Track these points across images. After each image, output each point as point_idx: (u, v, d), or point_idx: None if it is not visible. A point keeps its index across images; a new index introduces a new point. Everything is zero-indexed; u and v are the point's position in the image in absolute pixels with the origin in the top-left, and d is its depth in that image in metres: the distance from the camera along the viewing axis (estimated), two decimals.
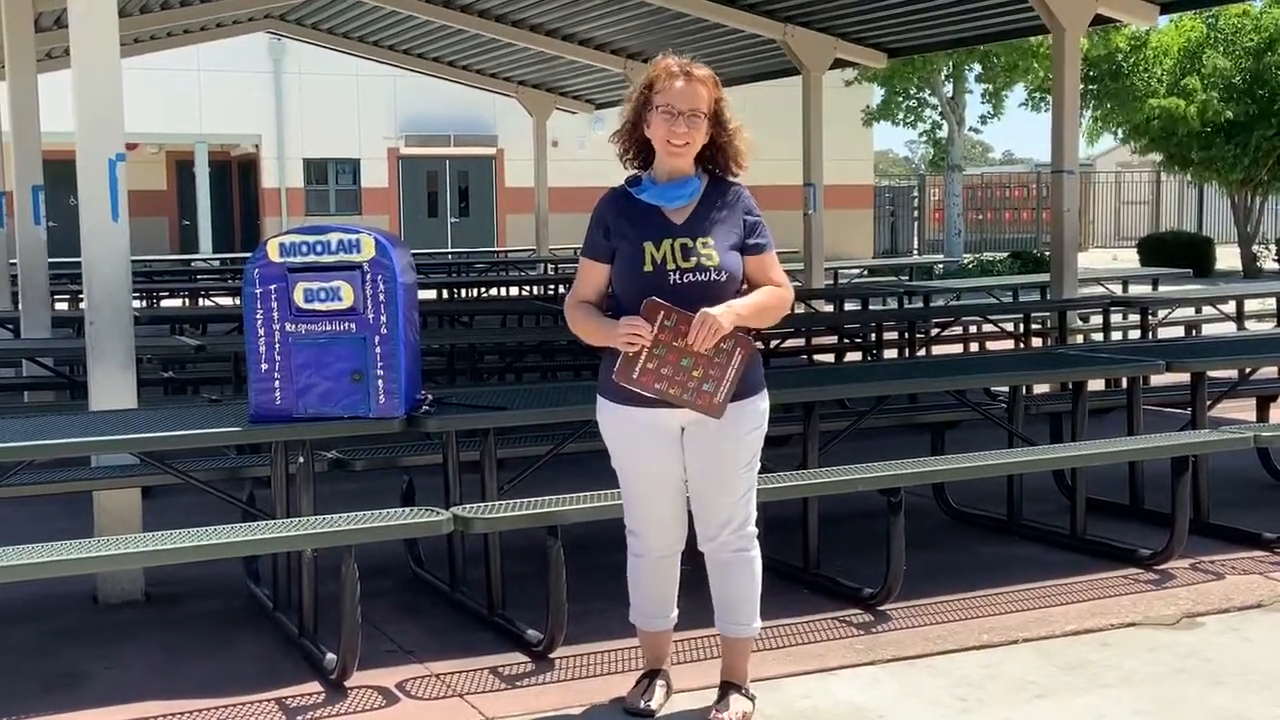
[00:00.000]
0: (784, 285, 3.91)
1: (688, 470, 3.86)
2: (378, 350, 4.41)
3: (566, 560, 4.43)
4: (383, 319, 4.39)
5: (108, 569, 4.97)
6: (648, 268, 3.75)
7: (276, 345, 4.39)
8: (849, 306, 12.86)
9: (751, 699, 3.99)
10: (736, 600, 3.95)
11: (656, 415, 3.79)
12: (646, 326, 3.67)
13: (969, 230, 31.74)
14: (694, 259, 3.75)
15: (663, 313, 3.68)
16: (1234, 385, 7.34)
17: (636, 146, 3.87)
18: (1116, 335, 11.27)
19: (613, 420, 3.88)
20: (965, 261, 25.20)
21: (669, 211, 3.81)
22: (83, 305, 5.62)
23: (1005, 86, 25.67)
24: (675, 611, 4.07)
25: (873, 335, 10.92)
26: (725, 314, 3.69)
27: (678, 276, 3.74)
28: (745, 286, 3.85)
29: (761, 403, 3.89)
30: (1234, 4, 21.76)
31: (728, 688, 3.97)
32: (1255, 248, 24.90)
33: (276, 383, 4.41)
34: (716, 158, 3.85)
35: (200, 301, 15.61)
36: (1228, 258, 25.42)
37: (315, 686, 4.33)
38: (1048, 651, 4.57)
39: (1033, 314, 11.17)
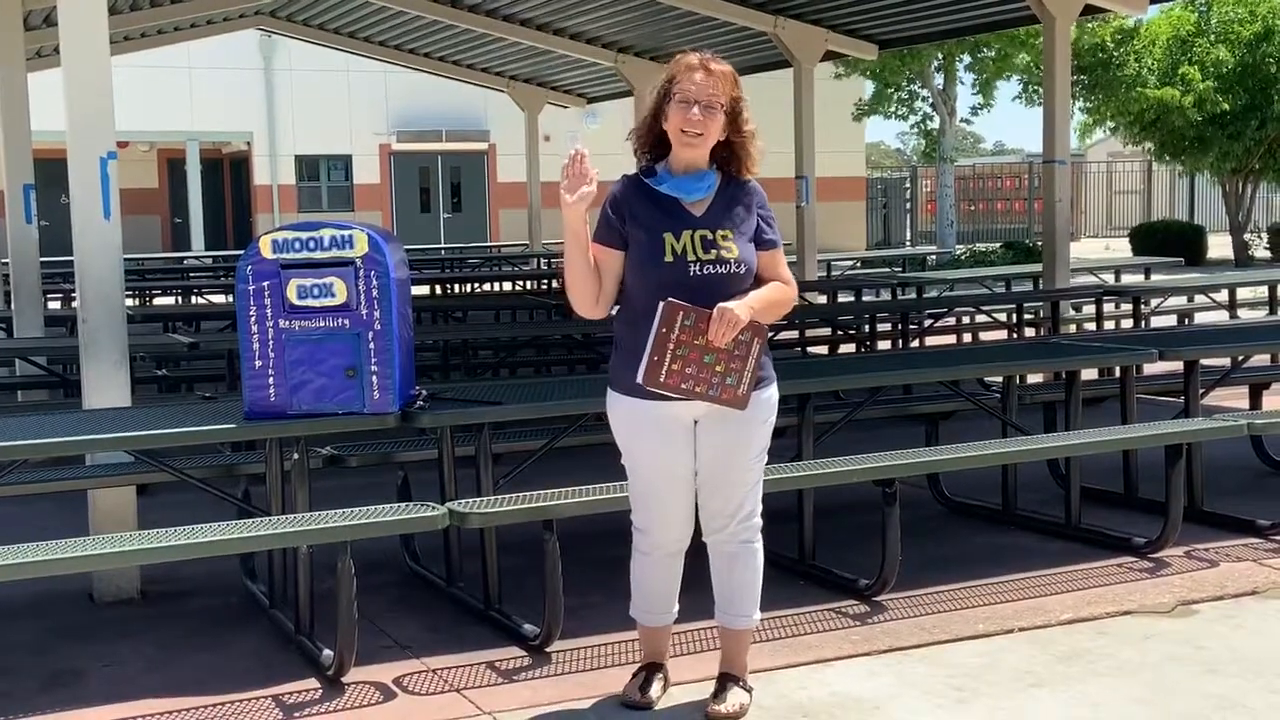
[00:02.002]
0: (791, 282, 3.93)
1: (699, 461, 3.86)
2: (372, 346, 4.40)
3: (562, 554, 4.43)
4: (376, 315, 4.38)
5: (103, 567, 4.97)
6: (668, 258, 3.74)
7: (270, 342, 4.38)
8: (842, 298, 12.89)
9: (749, 691, 3.99)
10: (739, 592, 3.96)
11: (671, 407, 3.79)
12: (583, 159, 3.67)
13: (961, 221, 31.78)
14: (714, 251, 3.76)
15: (681, 313, 3.69)
16: (1227, 373, 7.36)
17: (653, 141, 3.86)
18: (1109, 325, 11.29)
19: (625, 414, 3.87)
20: (958, 252, 25.25)
21: (687, 204, 3.81)
22: (75, 304, 5.60)
23: (995, 77, 25.67)
24: (676, 608, 4.07)
25: (866, 327, 10.92)
26: (741, 307, 3.71)
27: (698, 268, 3.74)
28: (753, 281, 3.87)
29: (773, 393, 3.91)
30: None
31: (726, 679, 3.98)
32: (1247, 236, 24.99)
33: (270, 379, 4.41)
34: (730, 159, 3.85)
35: (193, 299, 15.59)
36: (1219, 246, 25.49)
37: (312, 683, 4.33)
38: (1043, 641, 4.58)
39: (1025, 304, 11.18)
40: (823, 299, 12.72)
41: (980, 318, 11.76)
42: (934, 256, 23.14)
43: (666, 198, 3.81)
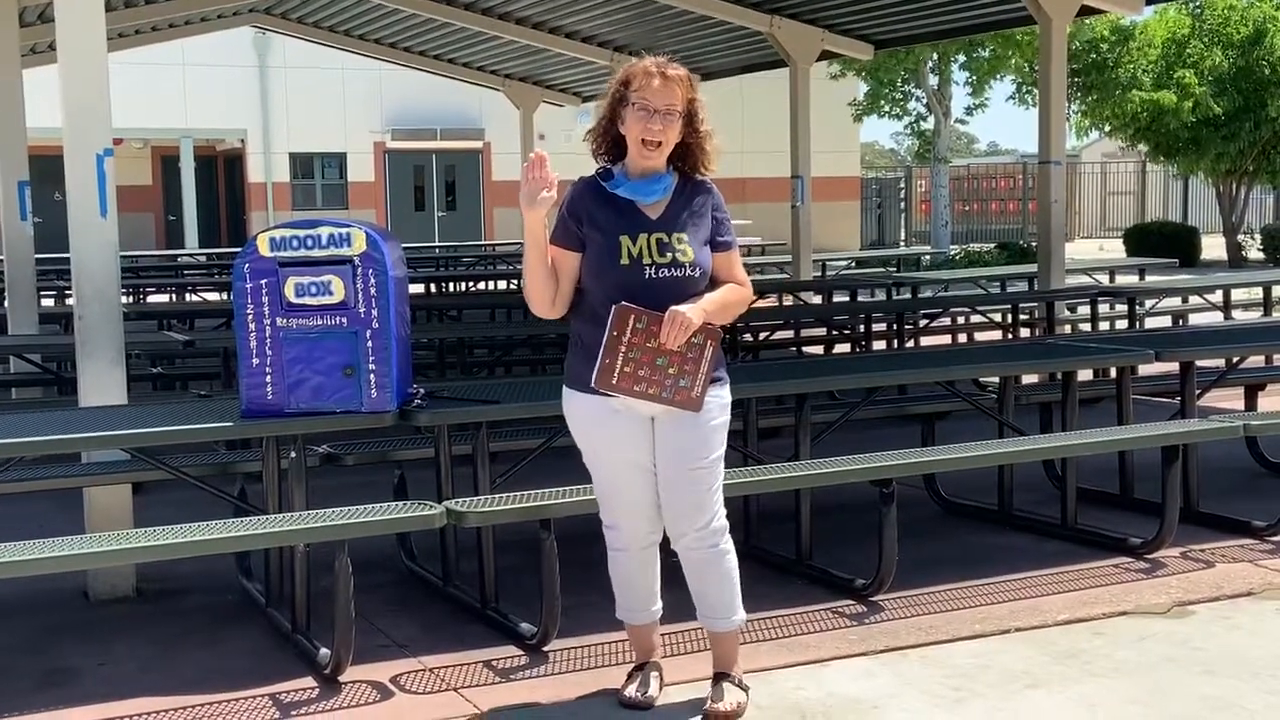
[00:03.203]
0: (745, 283, 3.96)
1: (657, 465, 3.88)
2: (369, 344, 4.40)
3: (559, 553, 4.43)
4: (374, 313, 4.38)
5: (99, 565, 4.96)
6: (624, 261, 3.77)
7: (268, 340, 4.37)
8: (837, 298, 12.89)
9: (745, 689, 3.99)
10: (715, 595, 3.96)
11: (626, 402, 3.81)
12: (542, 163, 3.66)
13: (956, 221, 31.80)
14: (670, 255, 3.78)
15: (633, 316, 3.72)
16: (1222, 374, 7.38)
17: (609, 143, 3.88)
18: (1104, 325, 11.30)
19: (583, 409, 3.88)
20: (952, 253, 25.26)
21: (644, 206, 3.83)
22: (69, 301, 5.59)
23: (990, 75, 25.67)
24: (659, 603, 4.08)
25: (861, 327, 10.92)
26: (694, 311, 3.74)
27: (653, 271, 3.77)
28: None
29: (725, 394, 3.92)
30: None
31: (720, 678, 3.98)
32: (1240, 237, 25.03)
33: (268, 378, 4.40)
34: (686, 157, 3.87)
35: (187, 296, 15.56)
36: (1213, 248, 25.53)
37: (309, 681, 4.32)
38: (1040, 641, 4.58)
39: (1021, 305, 11.19)
40: (818, 299, 12.72)
41: (975, 318, 11.77)
42: (928, 257, 23.16)
43: (623, 200, 3.82)
